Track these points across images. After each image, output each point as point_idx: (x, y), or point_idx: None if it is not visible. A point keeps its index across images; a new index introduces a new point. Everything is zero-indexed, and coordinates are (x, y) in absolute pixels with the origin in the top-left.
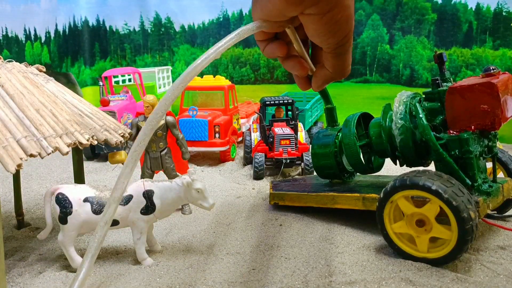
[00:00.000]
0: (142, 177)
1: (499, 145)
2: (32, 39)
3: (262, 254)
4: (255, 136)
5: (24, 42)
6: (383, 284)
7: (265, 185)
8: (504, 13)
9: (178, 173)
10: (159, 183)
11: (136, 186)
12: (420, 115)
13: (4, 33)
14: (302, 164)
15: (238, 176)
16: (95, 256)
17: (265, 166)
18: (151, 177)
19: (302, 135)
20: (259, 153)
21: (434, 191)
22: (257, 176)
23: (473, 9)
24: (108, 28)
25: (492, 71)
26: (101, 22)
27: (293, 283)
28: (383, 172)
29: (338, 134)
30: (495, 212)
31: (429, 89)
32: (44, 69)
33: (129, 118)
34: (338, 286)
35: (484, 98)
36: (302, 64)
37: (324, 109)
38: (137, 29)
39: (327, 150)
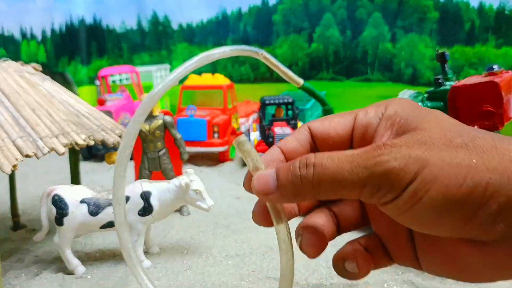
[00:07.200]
0: (140, 177)
1: None
2: (29, 38)
3: (262, 256)
4: (255, 136)
5: (20, 41)
6: (385, 287)
7: None
8: (507, 12)
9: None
10: (157, 184)
11: (133, 187)
12: None
13: (0, 32)
14: None
15: (237, 176)
16: None
17: None
18: (148, 178)
19: None
20: (259, 153)
21: None
22: None
23: (476, 8)
24: (105, 27)
25: (495, 70)
26: (98, 21)
27: (294, 286)
28: None
29: None
30: None
31: (432, 88)
32: (40, 68)
33: (126, 117)
34: None
35: (486, 98)
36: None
37: (322, 111)
38: (134, 27)
39: None
